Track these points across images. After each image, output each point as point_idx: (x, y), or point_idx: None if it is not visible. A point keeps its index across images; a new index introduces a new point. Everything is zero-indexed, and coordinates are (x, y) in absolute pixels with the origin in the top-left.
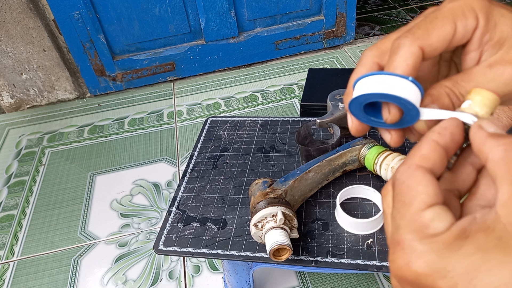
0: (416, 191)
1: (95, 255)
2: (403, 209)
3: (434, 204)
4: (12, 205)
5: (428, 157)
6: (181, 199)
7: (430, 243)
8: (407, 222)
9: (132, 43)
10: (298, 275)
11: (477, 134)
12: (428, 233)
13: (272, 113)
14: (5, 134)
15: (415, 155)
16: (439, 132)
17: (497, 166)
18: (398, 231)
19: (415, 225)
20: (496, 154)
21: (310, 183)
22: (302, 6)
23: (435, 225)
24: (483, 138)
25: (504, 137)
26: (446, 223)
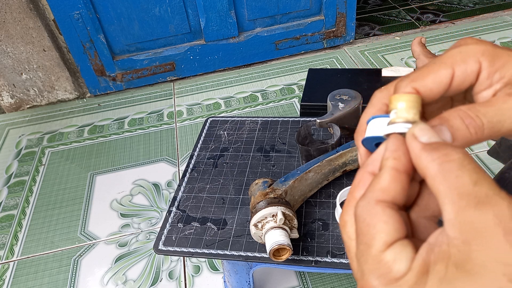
0: (376, 230)
1: (95, 255)
2: (366, 252)
3: (395, 242)
4: (12, 205)
5: (389, 189)
6: (181, 199)
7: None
8: (370, 267)
9: (132, 43)
10: (298, 275)
11: (411, 146)
12: (393, 277)
13: (272, 113)
14: (5, 134)
15: (374, 189)
16: (394, 157)
17: (436, 183)
18: (363, 277)
19: (379, 270)
20: (432, 170)
21: (310, 183)
22: (302, 6)
23: (397, 267)
24: (417, 151)
25: (437, 148)
26: (407, 261)
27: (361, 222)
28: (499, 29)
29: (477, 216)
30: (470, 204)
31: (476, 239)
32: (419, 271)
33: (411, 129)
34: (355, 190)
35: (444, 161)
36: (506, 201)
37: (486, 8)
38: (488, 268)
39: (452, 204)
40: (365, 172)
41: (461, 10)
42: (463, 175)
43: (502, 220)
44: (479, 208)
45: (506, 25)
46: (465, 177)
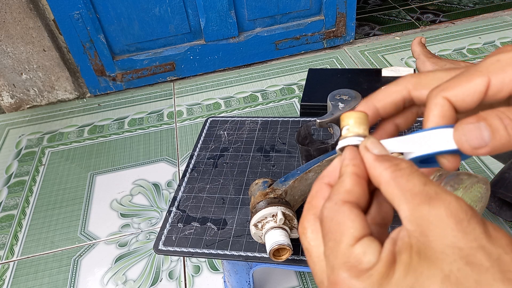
0: (345, 226)
1: (95, 255)
2: (335, 248)
3: (363, 237)
4: (12, 205)
5: (352, 191)
6: (181, 199)
7: (367, 278)
8: (340, 260)
9: (132, 43)
10: (298, 275)
11: (365, 157)
12: (363, 268)
13: (272, 113)
14: (5, 134)
15: (339, 191)
16: (354, 164)
17: (390, 188)
18: (333, 272)
19: (349, 262)
20: (385, 177)
21: (310, 183)
22: (302, 6)
23: (367, 258)
24: (371, 162)
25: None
26: (375, 253)
27: (329, 221)
28: (499, 29)
29: (431, 210)
30: (423, 201)
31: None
32: (387, 261)
33: (363, 142)
34: (313, 199)
35: (396, 169)
36: (453, 196)
37: (486, 8)
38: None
39: (407, 203)
40: (321, 183)
41: (461, 10)
42: (413, 179)
43: (452, 211)
44: (431, 203)
45: (506, 25)
46: (415, 180)
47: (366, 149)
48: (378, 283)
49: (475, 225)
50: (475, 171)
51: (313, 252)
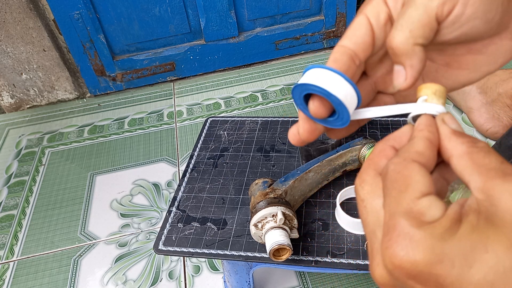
0: (412, 179)
1: (95, 255)
2: (399, 196)
3: (429, 194)
4: (12, 205)
5: (423, 153)
6: (181, 199)
7: (428, 229)
8: (403, 209)
9: (132, 43)
10: (298, 275)
11: (441, 128)
12: (425, 220)
13: (272, 113)
14: (5, 134)
15: (410, 151)
16: (429, 130)
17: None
18: (393, 218)
19: (412, 212)
20: (460, 150)
21: (310, 183)
22: (302, 6)
23: (431, 212)
24: (447, 135)
25: (465, 135)
26: (441, 209)
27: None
28: None
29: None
30: (498, 175)
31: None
32: (453, 218)
33: (441, 114)
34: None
35: (473, 145)
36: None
37: None
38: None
39: (480, 174)
40: (386, 144)
41: None
42: (490, 156)
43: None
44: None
45: None
46: (492, 157)
47: (443, 122)
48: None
49: None
50: None
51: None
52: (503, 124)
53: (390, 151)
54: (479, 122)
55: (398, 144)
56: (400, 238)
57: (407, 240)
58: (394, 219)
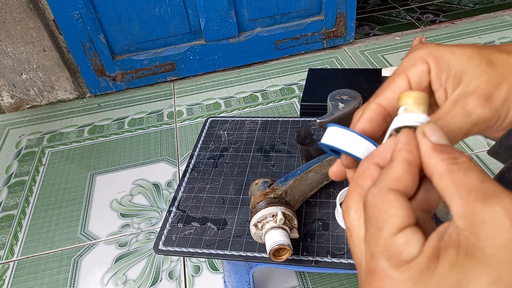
0: (388, 214)
1: (95, 255)
2: (377, 235)
3: (406, 227)
4: (12, 205)
5: (401, 178)
6: (181, 199)
7: (406, 270)
8: (381, 249)
9: (132, 43)
10: (298, 275)
11: (421, 144)
12: (402, 259)
13: (272, 113)
14: (5, 134)
15: (387, 177)
16: (407, 150)
17: (444, 181)
18: (373, 259)
19: (389, 252)
20: (440, 169)
21: (310, 183)
22: (302, 6)
23: (408, 250)
24: (427, 150)
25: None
26: (418, 245)
27: (373, 207)
28: (499, 29)
29: (485, 209)
30: (479, 199)
31: (484, 229)
32: (430, 255)
33: (421, 126)
34: (360, 178)
35: (453, 162)
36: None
37: (486, 8)
38: (496, 256)
39: (460, 198)
40: (370, 162)
41: (461, 10)
42: (470, 174)
43: (509, 212)
44: (487, 202)
45: (506, 25)
46: (472, 175)
47: (423, 135)
48: (417, 276)
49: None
50: None
51: (355, 232)
52: None
53: (374, 170)
54: None
55: (383, 160)
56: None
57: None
58: (373, 260)
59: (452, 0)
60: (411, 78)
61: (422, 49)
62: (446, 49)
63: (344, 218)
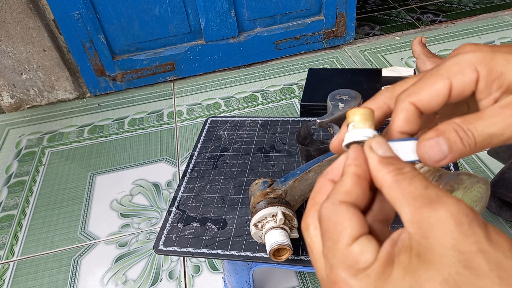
0: (342, 226)
1: (95, 255)
2: (333, 247)
3: (360, 236)
4: (12, 205)
5: (351, 191)
6: (181, 199)
7: (364, 277)
8: (338, 260)
9: (132, 43)
10: (298, 275)
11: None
12: (360, 267)
13: (272, 113)
14: (5, 134)
15: (338, 191)
16: (356, 164)
17: (392, 192)
18: (332, 270)
19: (347, 262)
20: (387, 181)
21: (310, 183)
22: (302, 6)
23: (364, 258)
24: (375, 164)
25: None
26: (373, 253)
27: (327, 221)
28: (499, 29)
29: (431, 213)
30: (424, 204)
31: (433, 232)
32: (385, 261)
33: (368, 141)
34: (317, 196)
35: (398, 173)
36: (454, 199)
37: (486, 8)
38: (445, 256)
39: (408, 206)
40: (325, 179)
41: (461, 10)
42: (415, 182)
43: (453, 213)
44: (432, 206)
45: (506, 25)
46: (417, 183)
47: (370, 149)
48: (375, 282)
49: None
50: (475, 171)
51: (315, 248)
52: None
53: (330, 186)
54: None
55: (337, 177)
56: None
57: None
58: (333, 272)
59: (452, 0)
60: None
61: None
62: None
63: (304, 236)
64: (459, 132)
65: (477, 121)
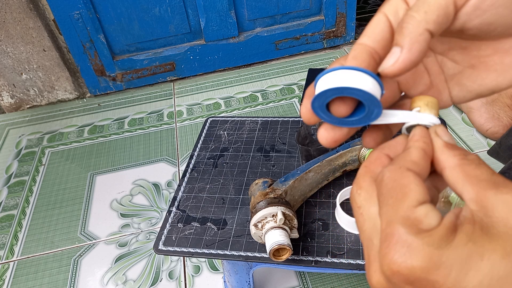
0: (409, 188)
1: (95, 255)
2: (396, 205)
3: (425, 202)
4: (12, 205)
5: (418, 163)
6: (181, 199)
7: (425, 237)
8: (400, 217)
9: (132, 43)
10: (298, 275)
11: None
12: (423, 228)
13: (272, 113)
14: (5, 134)
15: (406, 159)
16: (424, 141)
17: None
18: (390, 225)
19: (409, 220)
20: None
21: (310, 183)
22: (302, 6)
23: (428, 220)
24: (440, 147)
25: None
26: (437, 218)
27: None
28: None
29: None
30: (490, 186)
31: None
32: (449, 227)
33: (434, 127)
34: (371, 165)
35: (464, 157)
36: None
37: None
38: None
39: (472, 185)
40: (381, 153)
41: None
42: (481, 168)
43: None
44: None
45: None
46: (483, 169)
47: (436, 134)
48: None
49: None
50: None
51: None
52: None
53: (385, 159)
54: (479, 122)
55: (393, 153)
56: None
57: (405, 247)
58: (391, 227)
59: None
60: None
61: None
62: None
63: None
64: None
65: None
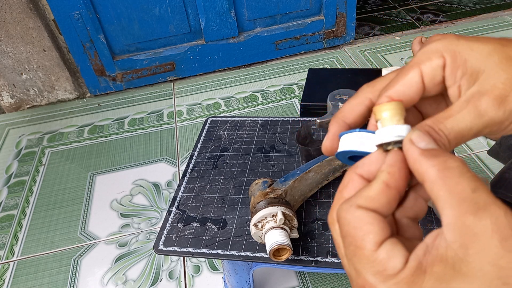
0: (363, 231)
1: (95, 255)
2: (358, 253)
3: (384, 240)
4: (12, 205)
5: (374, 199)
6: (181, 199)
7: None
8: (365, 265)
9: (132, 43)
10: (298, 275)
11: (409, 151)
12: (389, 273)
13: (272, 113)
14: (5, 134)
15: (362, 195)
16: (389, 172)
17: (436, 188)
18: (360, 276)
19: (374, 268)
20: (432, 176)
21: (310, 183)
22: (302, 6)
23: (391, 264)
24: (416, 156)
25: (436, 155)
26: (401, 258)
27: (346, 225)
28: (499, 29)
29: (476, 222)
30: (470, 210)
31: (474, 243)
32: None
33: (409, 134)
34: (344, 189)
35: (444, 167)
36: (502, 209)
37: (486, 8)
38: (484, 271)
39: (452, 209)
40: (354, 173)
41: (461, 10)
42: (462, 182)
43: (499, 227)
44: (478, 214)
45: (506, 25)
46: (465, 184)
47: (411, 143)
48: None
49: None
50: (475, 171)
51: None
52: None
53: (358, 182)
54: None
55: (366, 173)
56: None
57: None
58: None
59: (452, 0)
60: (425, 72)
61: (440, 42)
62: (465, 43)
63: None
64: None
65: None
